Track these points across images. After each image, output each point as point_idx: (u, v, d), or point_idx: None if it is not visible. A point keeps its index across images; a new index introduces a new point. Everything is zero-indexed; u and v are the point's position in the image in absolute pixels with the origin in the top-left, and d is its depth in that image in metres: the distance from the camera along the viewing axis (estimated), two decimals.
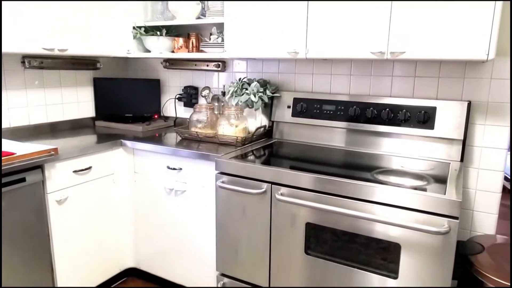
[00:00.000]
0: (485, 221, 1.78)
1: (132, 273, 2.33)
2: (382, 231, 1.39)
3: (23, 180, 1.62)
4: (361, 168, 1.63)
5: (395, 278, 1.40)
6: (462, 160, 1.74)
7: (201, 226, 1.92)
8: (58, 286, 1.85)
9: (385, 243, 1.40)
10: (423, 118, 1.76)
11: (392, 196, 1.35)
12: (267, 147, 1.97)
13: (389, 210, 1.36)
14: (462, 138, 1.71)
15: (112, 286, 2.21)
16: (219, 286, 1.81)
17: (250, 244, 1.69)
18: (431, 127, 1.76)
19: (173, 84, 2.60)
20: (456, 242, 1.28)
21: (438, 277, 1.32)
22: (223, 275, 1.81)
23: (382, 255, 1.42)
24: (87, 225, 1.95)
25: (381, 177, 1.48)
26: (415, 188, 1.36)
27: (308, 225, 1.53)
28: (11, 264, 1.63)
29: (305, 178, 1.50)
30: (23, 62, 2.09)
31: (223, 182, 1.69)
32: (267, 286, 1.68)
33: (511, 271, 1.34)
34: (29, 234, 1.69)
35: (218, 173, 1.72)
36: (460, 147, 1.73)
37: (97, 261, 2.04)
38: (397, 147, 1.86)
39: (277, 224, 1.60)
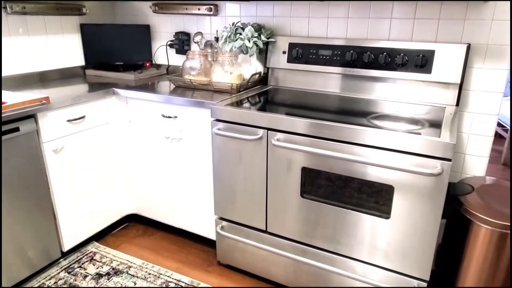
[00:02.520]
0: (476, 164, 1.82)
1: (133, 218, 2.40)
2: (376, 174, 1.42)
3: (17, 129, 1.61)
4: (357, 113, 1.63)
5: (387, 218, 1.45)
6: (457, 104, 1.74)
7: (199, 172, 1.95)
8: (62, 232, 1.90)
9: (378, 186, 1.44)
10: (421, 62, 1.73)
11: (387, 140, 1.36)
12: (263, 94, 1.95)
13: (384, 153, 1.38)
14: (459, 82, 1.69)
15: (114, 231, 2.29)
16: (217, 229, 1.88)
17: (247, 189, 1.73)
18: (429, 71, 1.74)
19: (164, 30, 2.49)
20: (447, 183, 1.32)
21: (428, 216, 1.37)
22: (222, 218, 1.88)
23: (376, 197, 1.47)
24: (85, 174, 1.97)
25: (376, 122, 1.49)
26: (410, 132, 1.37)
27: (304, 170, 1.56)
28: (15, 213, 1.67)
29: (300, 124, 1.50)
30: (4, 8, 1.97)
31: (219, 129, 1.69)
32: (264, 228, 1.75)
33: (511, 214, 1.39)
34: (28, 183, 1.71)
35: (213, 120, 1.71)
36: (457, 91, 1.73)
37: (98, 208, 2.09)
38: (393, 92, 1.85)
39: (274, 169, 1.63)
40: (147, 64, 2.51)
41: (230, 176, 1.76)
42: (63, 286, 1.80)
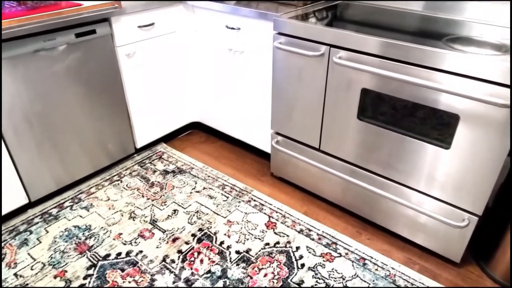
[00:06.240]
0: None
1: (197, 126, 2.58)
2: (442, 101, 1.33)
3: (94, 32, 1.73)
4: (433, 34, 1.47)
5: (447, 148, 1.39)
6: None
7: (259, 86, 1.98)
8: (135, 131, 2.13)
9: (442, 113, 1.36)
10: None
11: (461, 64, 1.24)
12: (331, 9, 1.83)
13: (455, 79, 1.27)
14: None
15: (180, 136, 2.50)
16: (273, 143, 1.95)
17: (304, 106, 1.74)
18: None
19: None
20: None
21: (492, 151, 1.28)
22: (277, 133, 1.94)
23: (437, 125, 1.39)
24: (154, 80, 2.11)
25: (452, 45, 1.34)
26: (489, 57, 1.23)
27: (364, 91, 1.51)
28: (96, 110, 1.88)
29: (366, 41, 1.41)
30: None
31: (280, 43, 1.66)
32: (317, 146, 1.78)
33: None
34: (106, 83, 1.89)
35: (276, 33, 1.67)
36: None
37: (166, 112, 2.27)
38: (481, 12, 1.62)
39: (332, 88, 1.59)
40: None
41: (288, 92, 1.76)
42: (137, 176, 2.07)
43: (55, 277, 1.49)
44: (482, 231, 1.59)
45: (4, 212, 1.70)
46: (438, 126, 1.39)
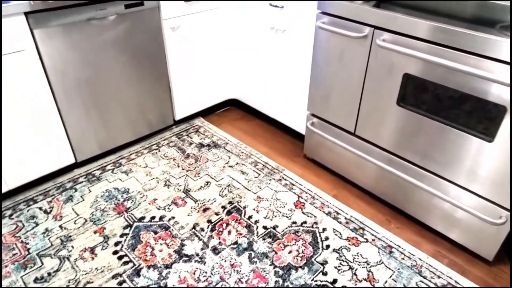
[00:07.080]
0: None
1: (234, 103, 2.62)
2: (490, 91, 1.26)
3: (142, 3, 1.79)
4: (487, 20, 1.39)
5: (490, 141, 1.33)
6: None
7: (298, 67, 1.97)
8: (175, 103, 2.20)
9: (488, 104, 1.29)
10: None
11: None
12: None
13: (507, 68, 1.20)
14: None
15: (217, 111, 2.55)
16: (308, 124, 1.95)
17: (342, 88, 1.71)
18: None
19: None
20: None
21: None
22: (313, 115, 1.93)
23: (481, 116, 1.33)
24: (196, 54, 2.16)
25: (506, 32, 1.26)
26: None
27: (406, 76, 1.46)
28: (140, 80, 1.97)
29: (413, 24, 1.36)
30: None
31: (323, 22, 1.63)
32: (353, 130, 1.76)
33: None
34: (150, 54, 1.95)
35: (319, 13, 1.65)
36: None
37: (205, 87, 2.32)
38: None
39: (373, 71, 1.56)
40: None
41: (327, 74, 1.74)
42: (174, 147, 2.15)
43: (95, 232, 1.61)
44: None
45: (53, 169, 1.84)
46: (482, 117, 1.33)
